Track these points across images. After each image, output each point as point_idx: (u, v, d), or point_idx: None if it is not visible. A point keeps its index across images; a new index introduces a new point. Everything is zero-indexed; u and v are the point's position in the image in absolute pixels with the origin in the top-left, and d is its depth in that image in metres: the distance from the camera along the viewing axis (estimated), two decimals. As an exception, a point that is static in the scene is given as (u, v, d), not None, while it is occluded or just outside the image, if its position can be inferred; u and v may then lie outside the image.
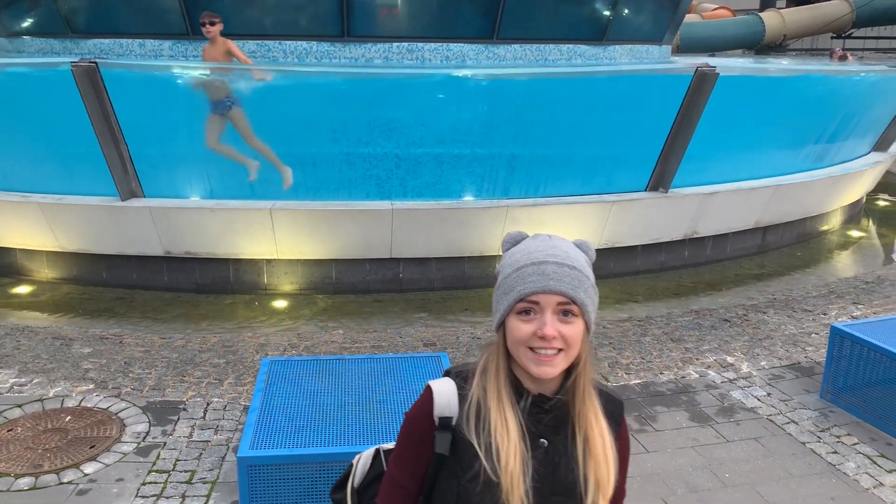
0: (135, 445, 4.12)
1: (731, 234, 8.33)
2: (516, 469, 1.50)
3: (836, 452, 4.30)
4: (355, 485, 1.91)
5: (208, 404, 4.58)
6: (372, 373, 3.99)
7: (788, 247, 9.01)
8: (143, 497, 3.67)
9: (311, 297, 6.98)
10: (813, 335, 5.93)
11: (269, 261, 6.96)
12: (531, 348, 1.52)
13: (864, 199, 11.14)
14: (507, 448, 1.51)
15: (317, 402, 3.67)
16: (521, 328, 1.53)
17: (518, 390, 1.57)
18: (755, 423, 4.57)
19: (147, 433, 4.24)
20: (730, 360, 5.43)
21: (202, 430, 4.29)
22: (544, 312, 1.52)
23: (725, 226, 8.19)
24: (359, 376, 3.95)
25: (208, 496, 3.71)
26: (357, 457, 1.97)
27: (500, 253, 1.67)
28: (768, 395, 4.93)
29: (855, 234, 9.95)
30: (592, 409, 1.58)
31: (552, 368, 1.52)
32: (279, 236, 6.72)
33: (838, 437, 4.47)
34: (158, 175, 6.94)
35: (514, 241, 1.65)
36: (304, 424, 3.47)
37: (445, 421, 1.59)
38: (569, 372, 1.58)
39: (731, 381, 5.11)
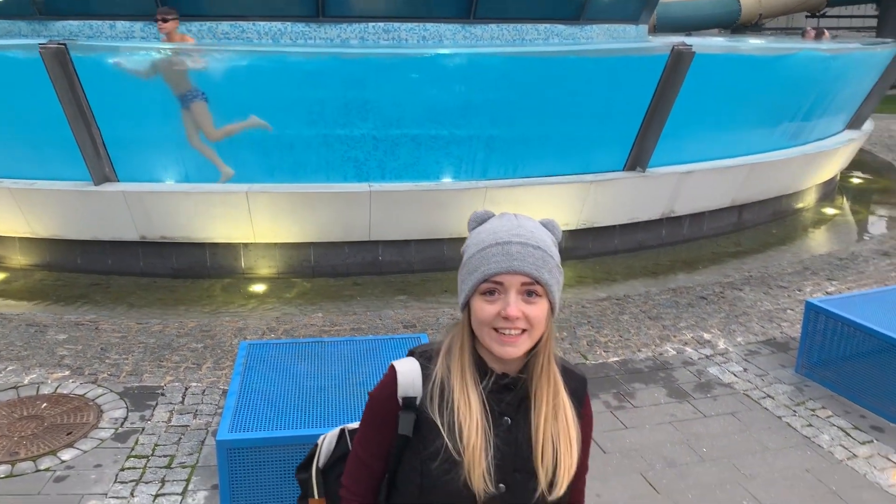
0: (112, 431, 4.09)
1: (708, 212, 8.40)
2: (478, 446, 1.52)
3: (810, 426, 4.37)
4: (320, 465, 1.92)
5: (187, 389, 4.55)
6: (351, 355, 3.98)
7: (764, 224, 9.10)
8: (121, 483, 3.65)
9: (289, 281, 6.94)
10: (788, 311, 6.00)
11: (246, 244, 6.90)
12: (495, 329, 1.52)
13: (839, 177, 11.27)
14: (470, 426, 1.52)
15: (296, 385, 3.66)
16: (484, 308, 1.53)
17: (482, 369, 1.58)
18: (731, 398, 4.63)
19: (125, 419, 4.21)
20: (707, 336, 5.49)
21: (181, 414, 4.27)
22: (508, 293, 1.51)
23: (702, 204, 8.24)
24: (338, 358, 3.94)
25: (188, 480, 3.69)
26: (322, 437, 1.97)
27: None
28: (744, 370, 4.99)
29: (829, 211, 10.06)
30: (553, 387, 1.59)
31: (515, 349, 1.53)
32: (256, 219, 6.66)
33: (813, 410, 4.54)
34: (132, 159, 6.83)
35: (479, 220, 1.64)
36: (284, 407, 3.46)
37: (409, 401, 1.60)
38: (532, 349, 1.58)
39: (707, 357, 5.16)
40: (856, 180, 11.87)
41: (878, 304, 4.86)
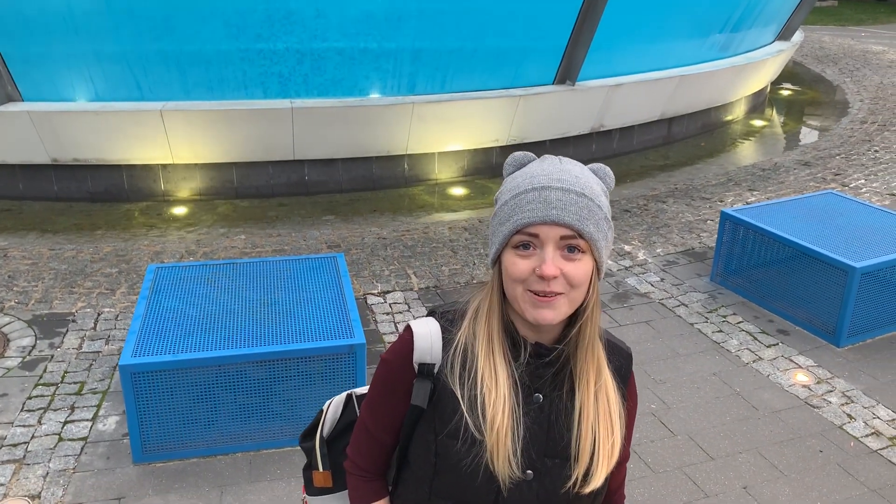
0: (20, 360, 3.98)
1: (637, 126, 8.42)
2: (503, 426, 1.31)
3: (721, 331, 4.51)
4: (325, 433, 1.68)
5: (99, 315, 4.44)
6: (264, 276, 3.91)
7: (693, 137, 9.18)
8: (28, 411, 3.57)
9: (211, 203, 6.76)
10: (708, 222, 6.12)
11: (164, 166, 6.67)
12: (529, 290, 1.28)
13: (769, 89, 11.38)
14: (495, 402, 1.32)
15: (205, 307, 3.59)
16: (517, 264, 1.28)
17: (513, 338, 1.36)
18: (647, 308, 4.74)
19: (33, 347, 4.10)
20: (627, 248, 5.57)
21: (92, 340, 4.17)
22: (545, 247, 1.26)
23: (631, 118, 8.25)
24: (250, 280, 3.87)
25: (98, 406, 3.64)
26: (328, 402, 1.73)
27: (408, 152, 1.44)
28: (661, 280, 5.10)
29: (758, 123, 10.19)
30: (596, 364, 1.37)
31: (552, 312, 1.28)
32: (172, 140, 6.41)
33: (724, 317, 4.68)
34: (37, 76, 6.45)
35: (518, 164, 1.38)
36: (192, 330, 3.40)
37: (426, 368, 1.39)
38: (572, 319, 1.35)
39: (626, 268, 5.25)
40: (786, 92, 12.02)
41: (789, 212, 4.98)
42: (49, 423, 3.50)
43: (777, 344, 4.40)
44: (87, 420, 3.53)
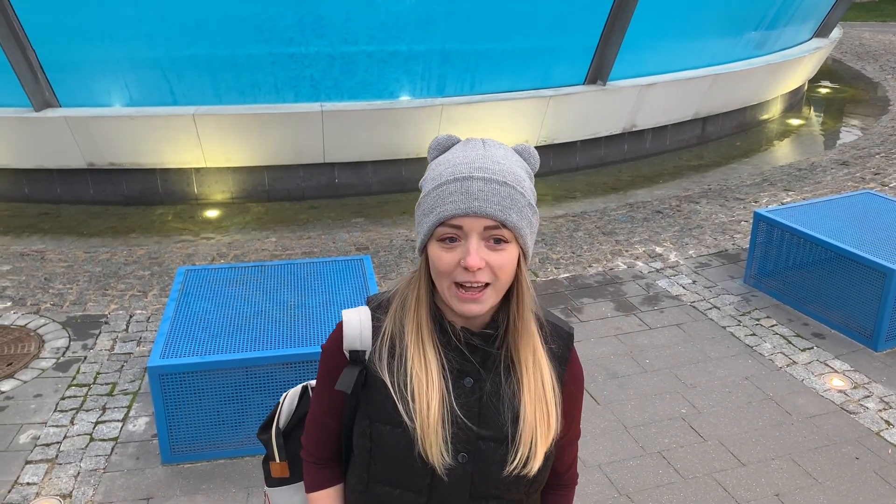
0: (54, 361, 4.05)
1: (671, 125, 8.30)
2: (434, 413, 1.31)
3: (754, 335, 4.42)
4: (280, 425, 1.70)
5: (131, 317, 4.51)
6: (291, 278, 3.94)
7: (728, 137, 9.04)
8: (61, 411, 3.64)
9: (243, 206, 6.84)
10: (742, 223, 6.01)
11: (197, 169, 6.75)
12: (456, 282, 1.28)
13: (806, 87, 11.16)
14: (426, 390, 1.32)
15: (234, 310, 3.62)
16: (442, 258, 1.27)
17: (441, 324, 1.36)
18: (678, 311, 4.67)
19: (67, 348, 4.17)
20: (659, 250, 5.49)
21: (124, 342, 4.23)
22: (469, 238, 1.25)
23: (664, 118, 8.14)
24: (278, 282, 3.90)
25: (129, 407, 3.69)
26: (284, 394, 1.76)
27: None
28: (693, 282, 5.02)
29: (795, 122, 10.00)
30: (529, 347, 1.36)
31: (478, 306, 1.29)
32: (205, 143, 6.49)
33: (757, 319, 4.59)
34: (74, 83, 6.59)
35: (441, 147, 1.36)
36: (218, 332, 3.43)
37: (356, 355, 1.40)
38: (504, 301, 1.35)
39: (658, 270, 5.18)
40: (824, 90, 11.77)
41: (825, 212, 4.87)
42: (81, 423, 3.56)
43: (812, 348, 4.30)
44: (118, 421, 3.58)
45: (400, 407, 1.34)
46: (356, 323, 1.41)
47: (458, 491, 1.39)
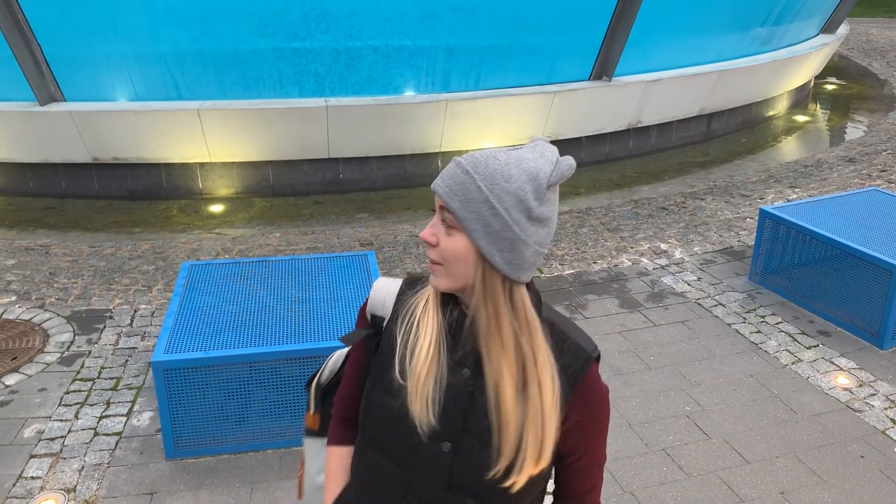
0: (58, 355, 4.06)
1: (676, 122, 8.27)
2: (425, 368, 1.32)
3: (759, 332, 4.41)
4: (321, 381, 1.77)
5: (135, 311, 4.51)
6: (296, 273, 3.93)
7: (734, 133, 9.00)
8: (66, 406, 3.64)
9: (248, 201, 6.83)
10: (748, 220, 5.98)
11: (202, 164, 6.75)
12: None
13: (812, 83, 11.11)
14: (422, 347, 1.33)
15: (238, 305, 3.61)
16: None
17: (451, 301, 1.37)
18: (683, 307, 4.65)
19: (71, 342, 4.18)
20: (663, 247, 5.47)
21: (128, 337, 4.24)
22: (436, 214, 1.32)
23: (670, 114, 8.11)
24: (282, 277, 3.90)
25: (133, 401, 3.69)
26: (332, 353, 1.82)
27: (442, 150, 1.46)
28: (698, 279, 5.00)
29: (801, 118, 9.95)
30: (514, 355, 1.29)
31: (435, 279, 1.32)
32: (210, 138, 6.49)
33: (763, 317, 4.57)
34: (79, 77, 6.59)
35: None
36: (224, 327, 3.43)
37: (376, 320, 1.46)
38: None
39: (663, 267, 5.16)
40: (830, 87, 11.71)
41: (831, 209, 4.84)
42: (85, 417, 3.56)
43: (817, 345, 4.28)
44: (122, 415, 3.59)
45: (397, 367, 1.37)
46: (383, 289, 1.49)
47: (437, 476, 1.39)
